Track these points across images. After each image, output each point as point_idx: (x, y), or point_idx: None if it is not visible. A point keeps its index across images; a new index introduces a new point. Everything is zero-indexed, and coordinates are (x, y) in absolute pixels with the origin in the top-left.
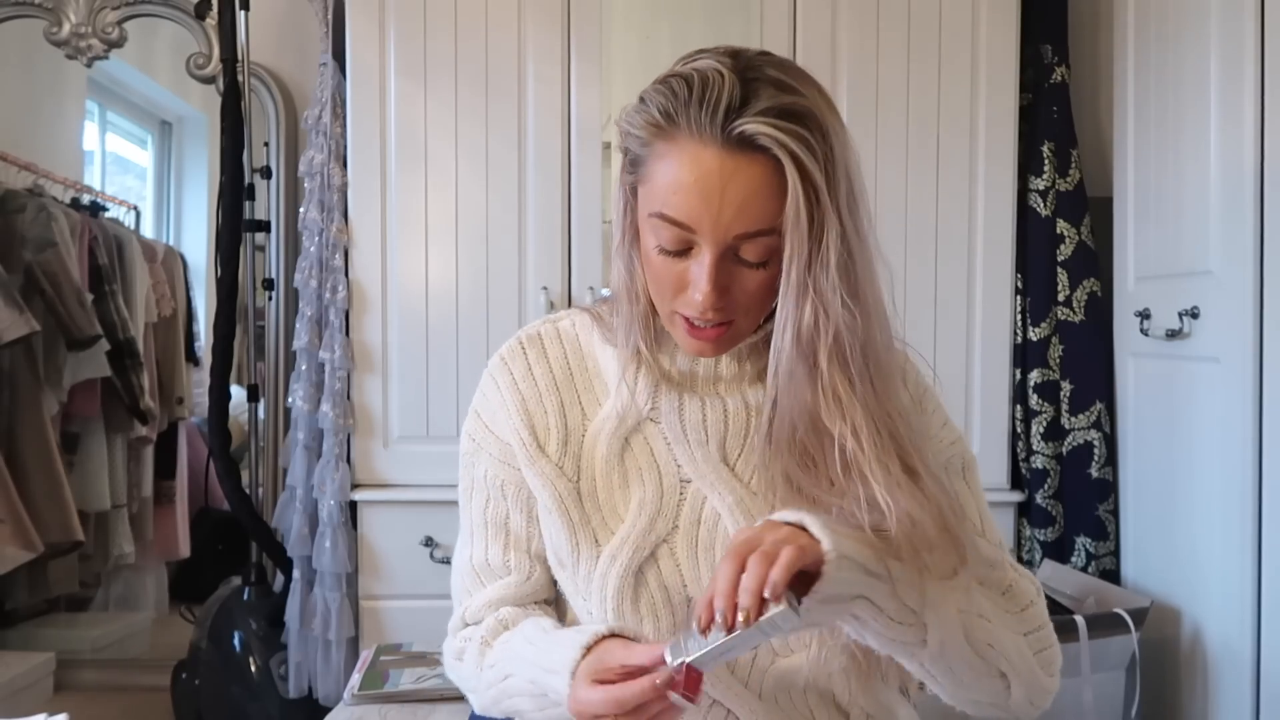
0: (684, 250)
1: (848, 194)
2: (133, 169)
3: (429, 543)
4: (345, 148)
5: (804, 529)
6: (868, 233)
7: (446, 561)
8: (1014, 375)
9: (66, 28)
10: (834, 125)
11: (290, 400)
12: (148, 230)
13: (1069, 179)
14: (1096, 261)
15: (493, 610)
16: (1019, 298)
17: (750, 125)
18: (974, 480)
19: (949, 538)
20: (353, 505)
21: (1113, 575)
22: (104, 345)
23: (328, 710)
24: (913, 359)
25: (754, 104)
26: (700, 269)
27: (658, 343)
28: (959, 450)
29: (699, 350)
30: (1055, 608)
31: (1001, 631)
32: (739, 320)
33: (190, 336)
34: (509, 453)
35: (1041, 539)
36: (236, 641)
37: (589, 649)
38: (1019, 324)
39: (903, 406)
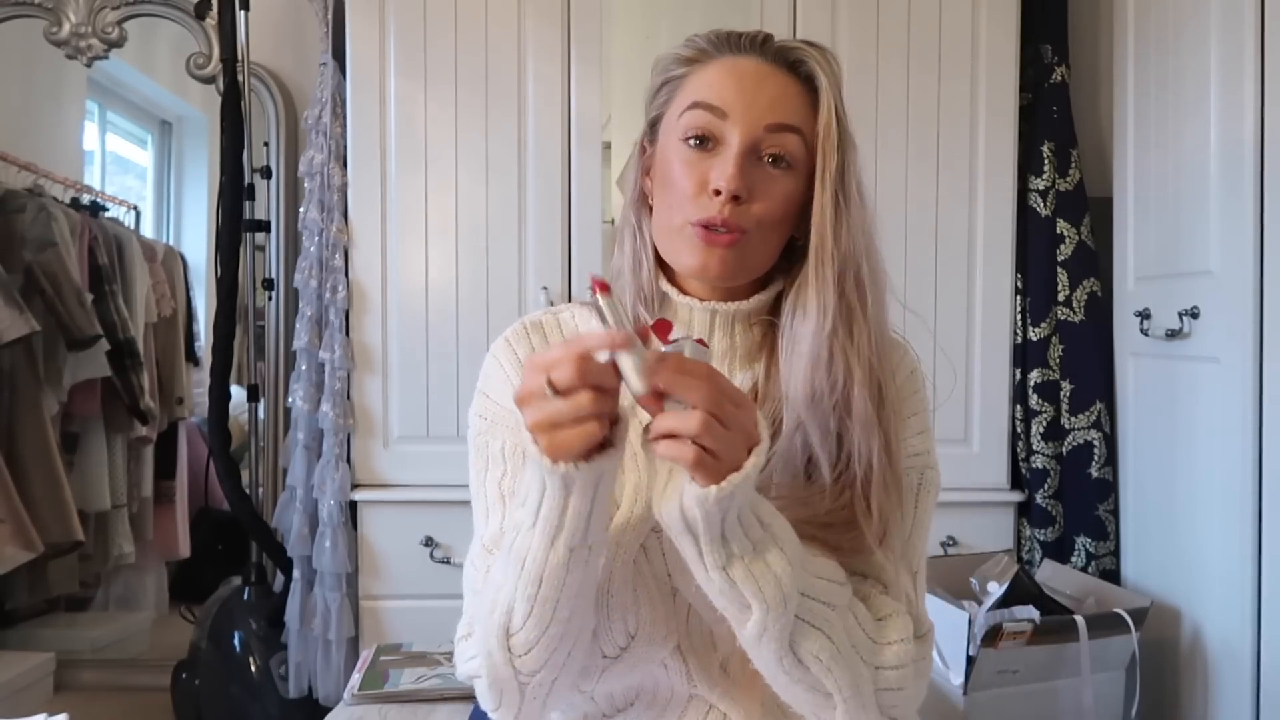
0: (711, 144)
1: (856, 149)
2: (133, 169)
3: (429, 543)
4: (345, 148)
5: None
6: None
7: (447, 561)
8: (1014, 375)
9: (66, 28)
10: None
11: (290, 400)
12: (148, 230)
13: (1069, 179)
14: (1096, 261)
15: None
16: (1019, 298)
17: (791, 43)
18: (925, 501)
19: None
20: (353, 505)
21: (1113, 575)
22: (104, 345)
23: (328, 710)
24: (911, 354)
25: (790, 40)
26: (726, 157)
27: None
28: (920, 464)
29: (705, 264)
30: (1055, 608)
31: (846, 654)
32: (752, 233)
33: (190, 336)
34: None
35: (1041, 539)
36: (236, 641)
37: None
38: (1019, 324)
39: (889, 361)
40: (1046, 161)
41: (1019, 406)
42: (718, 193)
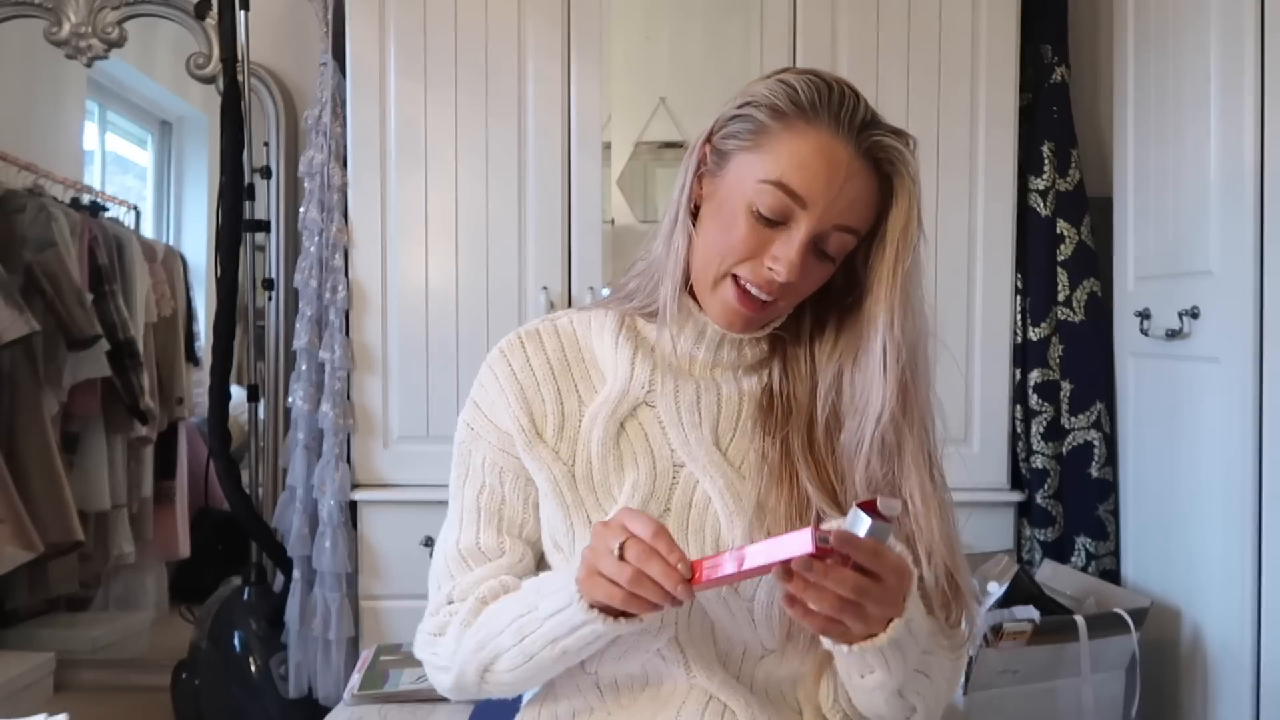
0: (777, 222)
1: (923, 233)
2: (133, 169)
3: (429, 543)
4: (345, 148)
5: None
6: None
7: None
8: (1014, 375)
9: (66, 28)
10: None
11: (290, 400)
12: (148, 230)
13: (1069, 179)
14: (1096, 261)
15: (476, 588)
16: (1019, 298)
17: (885, 140)
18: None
19: (957, 579)
20: (353, 505)
21: (1113, 575)
22: (104, 345)
23: (328, 710)
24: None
25: (883, 126)
26: (790, 242)
27: (677, 314)
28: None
29: (732, 320)
30: (1055, 608)
31: (938, 684)
32: (783, 303)
33: (190, 336)
34: (508, 441)
35: (1041, 539)
36: (236, 641)
37: None
38: (1019, 324)
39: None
40: (1046, 161)
41: (1019, 406)
42: (770, 268)
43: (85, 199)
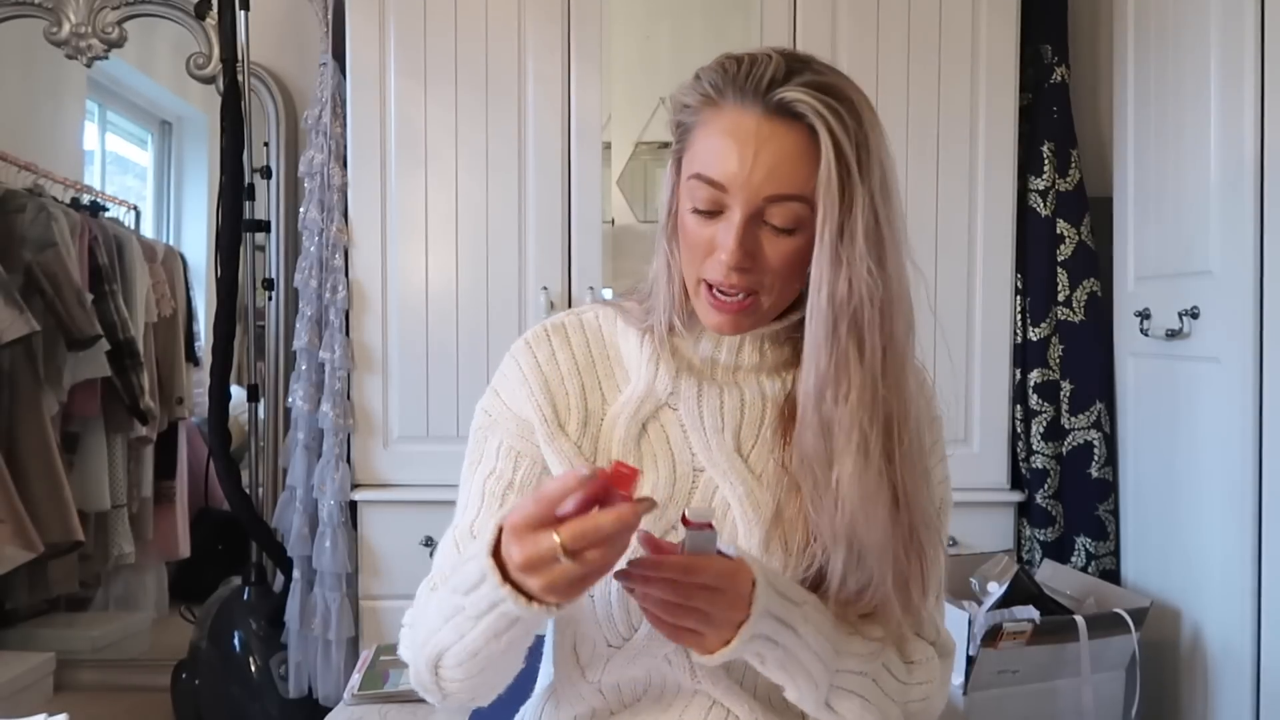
0: (716, 213)
1: (880, 181)
2: (133, 169)
3: (429, 543)
4: (345, 148)
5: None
6: (899, 228)
7: None
8: (1014, 375)
9: (66, 28)
10: (870, 118)
11: (290, 400)
12: (148, 230)
13: (1069, 179)
14: (1096, 261)
15: None
16: (1019, 298)
17: (790, 93)
18: (944, 523)
19: (896, 585)
20: (353, 505)
21: (1113, 575)
22: (104, 345)
23: (328, 710)
24: (928, 382)
25: (796, 79)
26: (728, 230)
27: (687, 327)
28: (942, 491)
29: (719, 325)
30: (1055, 608)
31: (878, 702)
32: (762, 295)
33: (190, 336)
34: (528, 429)
35: (1041, 539)
36: (236, 641)
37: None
38: (1019, 324)
39: (909, 395)
40: (1046, 161)
41: (1019, 406)
42: (720, 260)
43: (85, 199)
